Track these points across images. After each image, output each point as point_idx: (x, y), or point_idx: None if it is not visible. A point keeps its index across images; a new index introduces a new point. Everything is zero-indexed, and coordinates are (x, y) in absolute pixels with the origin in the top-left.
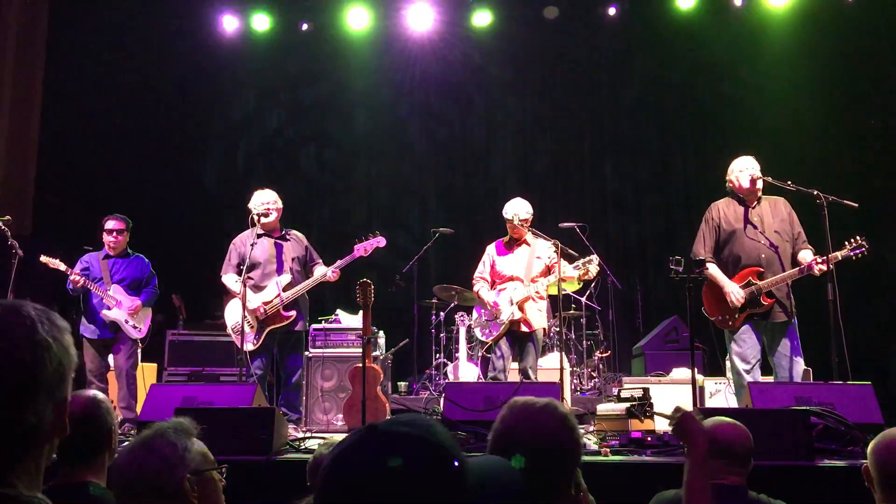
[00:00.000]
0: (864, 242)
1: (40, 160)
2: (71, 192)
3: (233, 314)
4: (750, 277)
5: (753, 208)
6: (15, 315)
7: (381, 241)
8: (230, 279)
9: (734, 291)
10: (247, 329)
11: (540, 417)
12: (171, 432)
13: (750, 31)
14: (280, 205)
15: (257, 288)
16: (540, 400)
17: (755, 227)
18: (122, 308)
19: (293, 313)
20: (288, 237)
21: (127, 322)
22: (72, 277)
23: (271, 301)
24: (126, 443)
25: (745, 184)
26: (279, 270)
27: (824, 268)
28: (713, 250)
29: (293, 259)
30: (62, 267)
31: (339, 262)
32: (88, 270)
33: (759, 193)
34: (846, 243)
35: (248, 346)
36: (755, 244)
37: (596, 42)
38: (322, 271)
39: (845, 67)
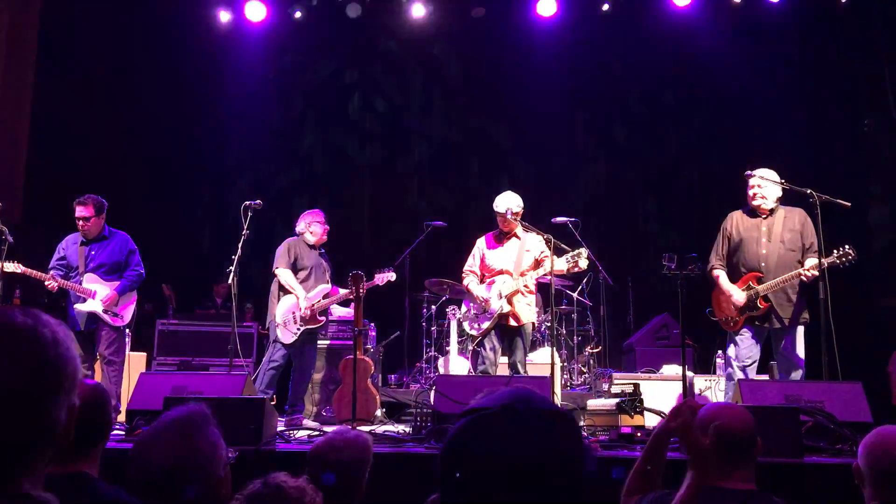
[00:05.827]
0: (850, 251)
1: (30, 147)
2: (61, 180)
3: (283, 309)
4: (750, 282)
5: (765, 219)
6: (36, 319)
7: (391, 276)
8: (286, 274)
9: (734, 293)
10: (292, 324)
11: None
12: (210, 419)
13: (746, 28)
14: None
15: (306, 289)
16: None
17: (761, 238)
18: (95, 298)
19: (324, 318)
20: (323, 253)
21: (105, 312)
22: (48, 284)
23: (312, 305)
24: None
25: (753, 200)
26: (322, 280)
27: (808, 274)
28: (724, 258)
29: (326, 271)
30: (38, 274)
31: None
32: (65, 259)
33: (767, 207)
34: (834, 251)
35: (289, 339)
36: (757, 253)
37: (591, 37)
38: (344, 292)
39: (835, 68)
